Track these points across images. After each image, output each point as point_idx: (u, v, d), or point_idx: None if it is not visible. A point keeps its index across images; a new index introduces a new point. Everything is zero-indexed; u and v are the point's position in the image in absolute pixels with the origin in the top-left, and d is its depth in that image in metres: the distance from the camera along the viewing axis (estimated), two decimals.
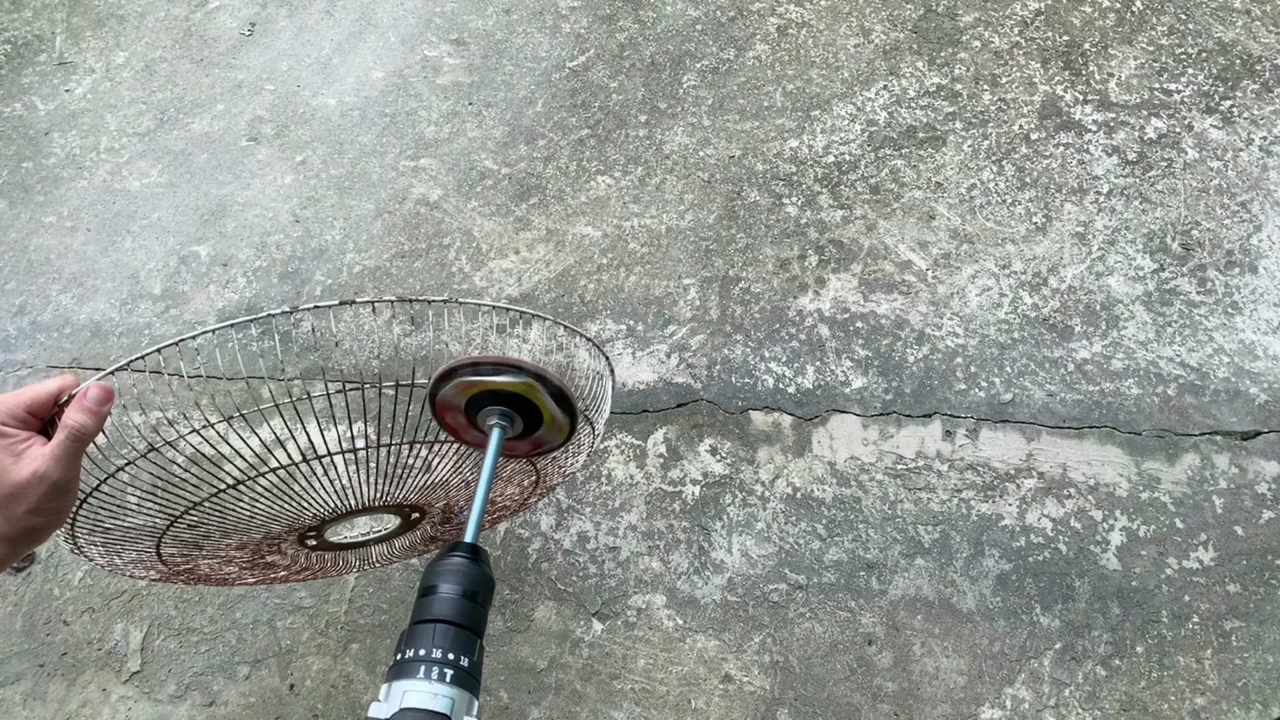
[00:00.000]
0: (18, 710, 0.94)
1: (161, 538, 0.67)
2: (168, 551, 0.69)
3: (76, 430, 0.50)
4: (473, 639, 0.50)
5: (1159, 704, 0.89)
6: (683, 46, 1.38)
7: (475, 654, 0.50)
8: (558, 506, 1.02)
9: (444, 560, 0.53)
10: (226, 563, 0.75)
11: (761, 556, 0.98)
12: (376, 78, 1.39)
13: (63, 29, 1.50)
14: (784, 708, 0.90)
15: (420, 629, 0.49)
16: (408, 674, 0.47)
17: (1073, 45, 1.33)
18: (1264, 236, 1.14)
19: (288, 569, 0.81)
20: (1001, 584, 0.95)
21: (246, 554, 0.74)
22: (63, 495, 0.51)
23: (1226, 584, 0.94)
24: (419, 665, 0.47)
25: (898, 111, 1.28)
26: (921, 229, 1.18)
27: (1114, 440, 1.02)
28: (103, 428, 0.52)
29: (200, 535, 0.69)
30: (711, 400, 1.08)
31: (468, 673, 0.48)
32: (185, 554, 0.71)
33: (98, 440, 0.53)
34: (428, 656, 0.47)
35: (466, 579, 0.52)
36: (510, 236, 1.22)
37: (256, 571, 0.79)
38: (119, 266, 1.23)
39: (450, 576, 0.52)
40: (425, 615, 0.50)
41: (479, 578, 0.53)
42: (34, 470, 0.49)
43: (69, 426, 0.50)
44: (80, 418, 0.50)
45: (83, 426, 0.50)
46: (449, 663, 0.47)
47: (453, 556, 0.53)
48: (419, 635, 0.49)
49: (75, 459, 0.51)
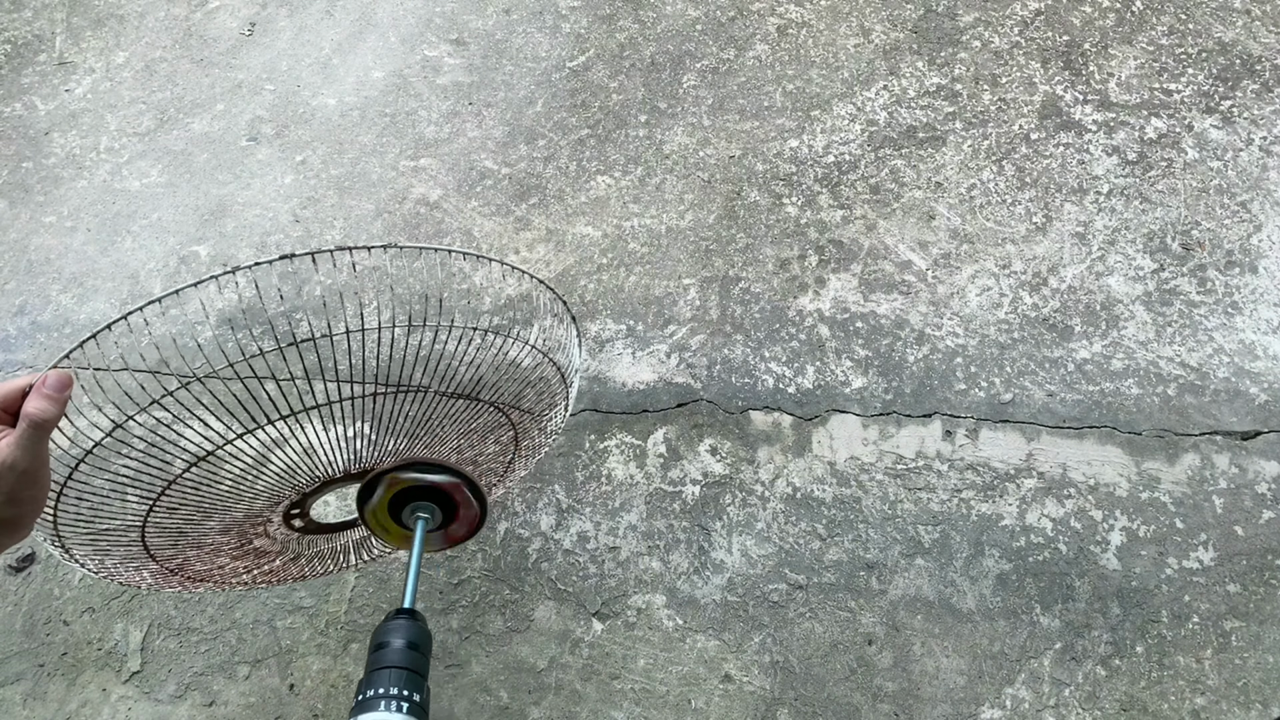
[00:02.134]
0: (18, 710, 0.94)
1: (144, 526, 0.67)
2: (154, 542, 0.69)
3: (36, 417, 0.50)
4: (420, 679, 0.61)
5: (1159, 704, 0.89)
6: (683, 46, 1.38)
7: (423, 692, 0.61)
8: (558, 506, 1.02)
9: (389, 622, 0.65)
10: (216, 553, 0.75)
11: (761, 556, 0.98)
12: (376, 78, 1.39)
13: (63, 29, 1.50)
14: (784, 708, 0.90)
15: (377, 673, 0.60)
16: (370, 709, 0.58)
17: (1073, 45, 1.33)
18: (1264, 236, 1.14)
19: (280, 557, 0.81)
20: (1001, 584, 0.95)
21: (233, 539, 0.74)
22: (34, 484, 0.51)
23: (1226, 584, 0.94)
24: (379, 700, 0.58)
25: (898, 111, 1.28)
26: (921, 229, 1.18)
27: (1114, 440, 1.02)
28: (64, 413, 0.52)
29: (182, 520, 0.69)
30: (711, 400, 1.08)
31: (419, 705, 0.59)
32: (172, 543, 0.71)
33: (66, 432, 0.53)
34: (385, 694, 0.58)
35: (409, 633, 0.64)
36: (510, 236, 1.22)
37: (247, 560, 0.79)
38: (119, 266, 1.23)
39: (397, 632, 0.64)
40: (380, 664, 0.61)
41: (419, 632, 0.65)
42: (1, 460, 0.49)
43: (29, 414, 0.50)
44: (40, 404, 0.51)
45: (42, 412, 0.51)
46: (403, 698, 0.59)
47: (397, 618, 0.66)
48: (377, 678, 0.60)
49: (39, 445, 0.51)
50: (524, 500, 1.03)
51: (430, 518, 0.72)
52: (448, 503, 0.73)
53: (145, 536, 0.68)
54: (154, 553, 0.71)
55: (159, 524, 0.68)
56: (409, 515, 0.72)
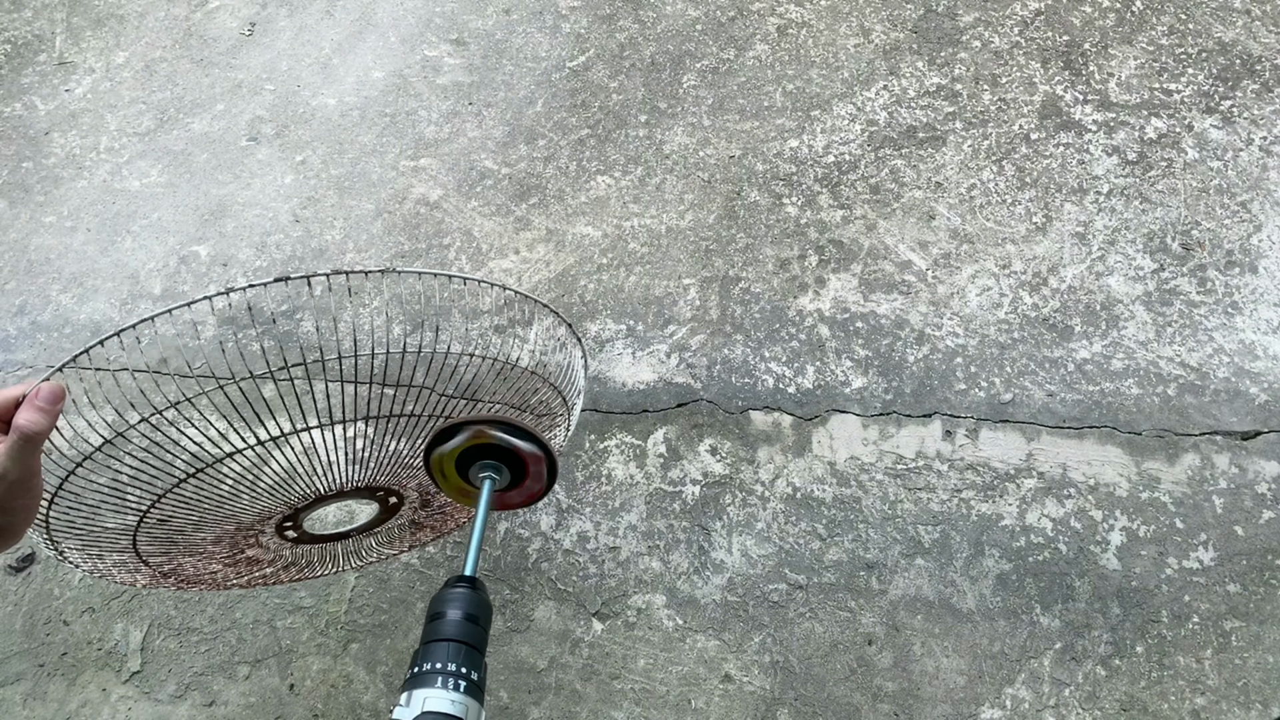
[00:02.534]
0: (18, 710, 0.94)
1: (135, 535, 0.67)
2: (145, 550, 0.69)
3: (27, 429, 0.50)
4: (478, 656, 0.58)
5: (1159, 704, 0.89)
6: (683, 46, 1.38)
7: (481, 670, 0.57)
8: (558, 506, 1.02)
9: (449, 589, 0.61)
10: (209, 560, 0.75)
11: (761, 556, 0.98)
12: (376, 78, 1.39)
13: (63, 29, 1.50)
14: (784, 708, 0.90)
15: (435, 646, 0.56)
16: (426, 684, 0.54)
17: (1073, 45, 1.33)
18: (1264, 236, 1.14)
19: (273, 565, 0.81)
20: (1001, 584, 0.95)
21: (224, 548, 0.74)
22: (25, 493, 0.51)
23: (1226, 584, 0.94)
24: (436, 676, 0.54)
25: (898, 111, 1.28)
26: (921, 229, 1.18)
27: (1114, 440, 1.02)
28: (55, 425, 0.52)
29: (173, 530, 0.69)
30: (711, 400, 1.08)
31: (476, 685, 0.55)
32: (164, 551, 0.71)
33: (57, 441, 0.53)
34: (444, 670, 0.54)
35: (469, 605, 0.60)
36: (510, 236, 1.22)
37: (240, 568, 0.79)
38: (119, 266, 1.23)
39: (456, 602, 0.60)
40: (437, 635, 0.58)
41: (480, 603, 0.61)
42: None
43: (19, 426, 0.50)
44: (32, 416, 0.51)
45: (33, 424, 0.51)
46: (462, 675, 0.54)
47: (457, 586, 0.62)
48: (434, 651, 0.56)
49: (30, 457, 0.51)
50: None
51: (499, 479, 0.69)
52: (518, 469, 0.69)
53: (136, 545, 0.68)
54: (146, 559, 0.71)
55: (150, 533, 0.68)
56: (476, 472, 0.69)
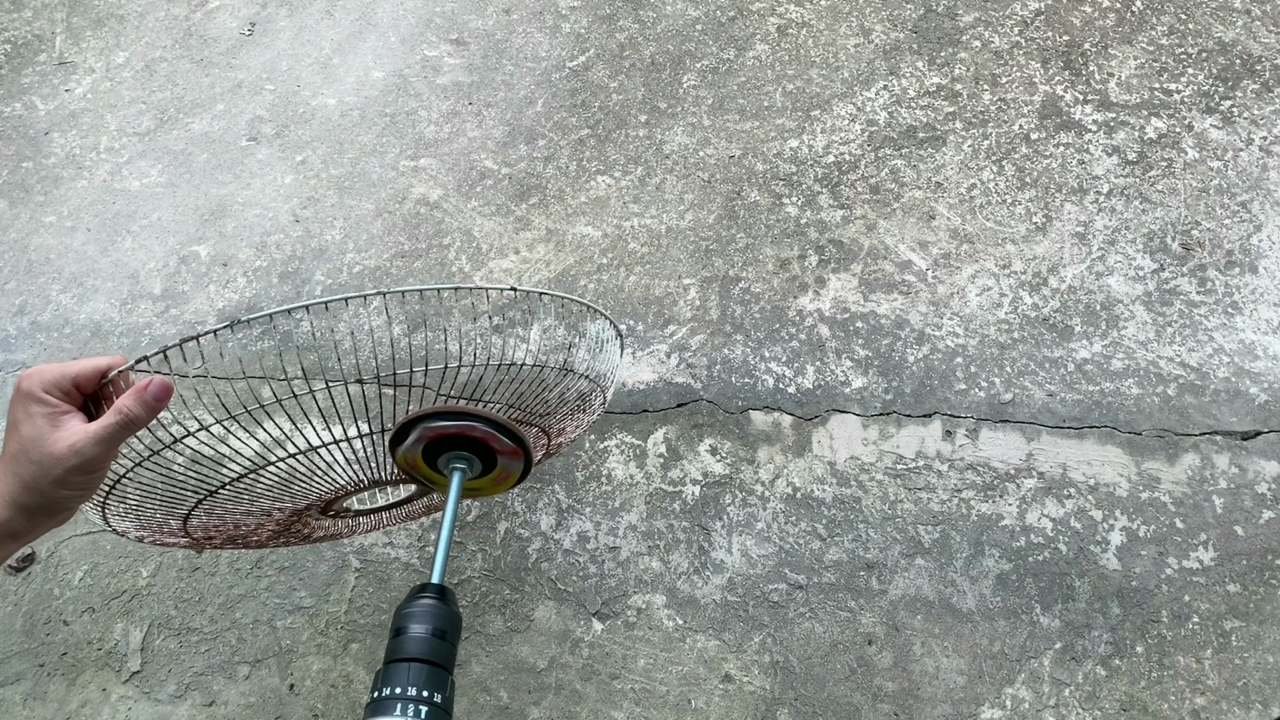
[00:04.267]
0: (18, 710, 0.94)
1: (188, 517, 0.67)
2: (193, 524, 0.70)
3: (128, 417, 0.49)
4: (444, 675, 0.54)
5: (1159, 704, 0.89)
6: (683, 46, 1.38)
7: (447, 690, 0.53)
8: (558, 506, 1.02)
9: (413, 601, 0.57)
10: (254, 531, 0.76)
11: (761, 556, 0.98)
12: (376, 78, 1.39)
13: (63, 29, 1.50)
14: (784, 708, 0.90)
15: (395, 667, 0.53)
16: (385, 711, 0.50)
17: (1073, 45, 1.33)
18: (1264, 236, 1.14)
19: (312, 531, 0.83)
20: (1001, 584, 0.95)
21: (273, 523, 0.75)
22: (91, 474, 0.50)
23: (1226, 584, 0.94)
24: (395, 703, 0.51)
25: (898, 111, 1.28)
26: (921, 229, 1.18)
27: (1114, 440, 1.02)
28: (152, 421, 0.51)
29: (225, 511, 0.69)
30: (711, 400, 1.08)
31: (440, 709, 0.52)
32: (213, 526, 0.72)
33: None
34: (403, 694, 0.51)
35: (435, 618, 0.55)
36: (510, 236, 1.22)
37: (285, 536, 0.80)
38: (119, 266, 1.23)
39: (420, 617, 0.55)
40: (399, 655, 0.54)
41: (447, 616, 0.56)
42: (70, 444, 0.48)
43: (122, 411, 0.49)
44: (135, 407, 0.49)
45: (134, 415, 0.49)
46: (423, 699, 0.51)
47: (422, 598, 0.57)
48: (394, 674, 0.52)
49: (116, 443, 0.50)
50: (524, 500, 1.03)
51: (469, 470, 0.65)
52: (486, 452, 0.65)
53: (187, 524, 0.68)
54: (192, 531, 0.71)
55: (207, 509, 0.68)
56: (446, 463, 0.65)
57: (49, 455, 0.48)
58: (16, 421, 0.49)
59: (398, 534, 1.01)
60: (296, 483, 0.66)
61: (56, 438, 0.48)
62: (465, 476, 0.65)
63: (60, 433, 0.48)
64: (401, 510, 0.88)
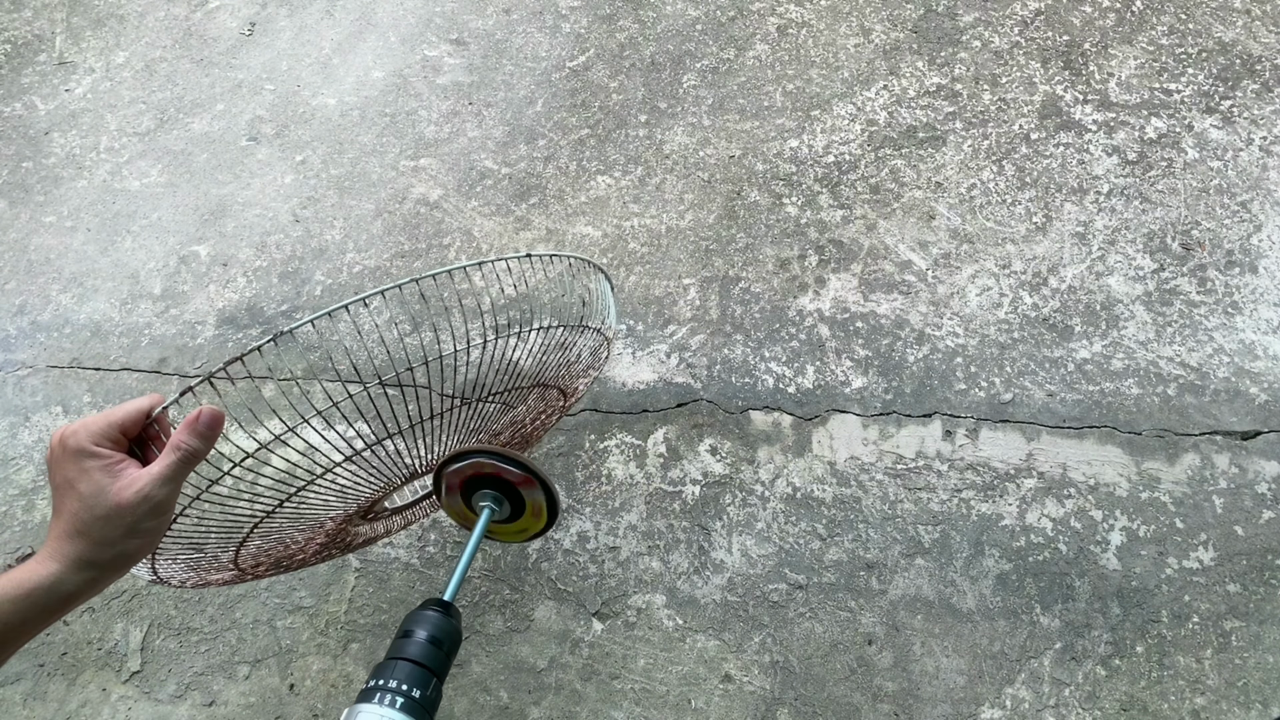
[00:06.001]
0: (18, 710, 0.94)
1: (242, 544, 0.67)
2: (245, 553, 0.70)
3: (189, 452, 0.49)
4: (430, 677, 0.58)
5: (1159, 704, 0.89)
6: (683, 46, 1.38)
7: (430, 690, 0.58)
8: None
9: (421, 611, 0.62)
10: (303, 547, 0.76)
11: (761, 556, 0.98)
12: (376, 78, 1.39)
13: (63, 29, 1.50)
14: (784, 707, 0.90)
15: (385, 664, 0.58)
16: (365, 699, 0.55)
17: (1073, 45, 1.33)
18: (1264, 236, 1.14)
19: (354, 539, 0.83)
20: (1001, 584, 0.95)
21: (323, 534, 0.76)
22: (162, 515, 0.50)
23: (1226, 584, 0.94)
24: (375, 693, 0.55)
25: (898, 111, 1.28)
26: (921, 229, 1.18)
27: (1114, 440, 1.02)
28: (210, 450, 0.51)
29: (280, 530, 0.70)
30: (711, 400, 1.08)
31: (418, 703, 0.56)
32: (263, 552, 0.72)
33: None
34: (384, 686, 0.56)
35: (435, 628, 0.61)
36: (510, 236, 1.22)
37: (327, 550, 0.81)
38: (119, 266, 1.23)
39: (423, 624, 0.61)
40: (396, 653, 0.59)
41: (447, 629, 0.62)
42: (137, 490, 0.48)
43: (182, 449, 0.49)
44: (193, 441, 0.49)
45: (195, 450, 0.49)
46: (402, 693, 0.56)
47: (429, 609, 0.62)
48: (383, 669, 0.58)
49: (180, 481, 0.49)
50: None
51: (498, 509, 0.71)
52: (518, 501, 0.71)
53: (239, 553, 0.69)
54: (242, 565, 0.71)
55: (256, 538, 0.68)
56: (477, 501, 0.71)
57: (116, 507, 0.47)
58: (71, 481, 0.48)
59: (398, 534, 1.01)
60: (350, 487, 0.67)
61: (120, 488, 0.48)
62: (493, 515, 0.70)
63: (121, 482, 0.48)
64: (428, 503, 0.88)
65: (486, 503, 0.70)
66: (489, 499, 0.70)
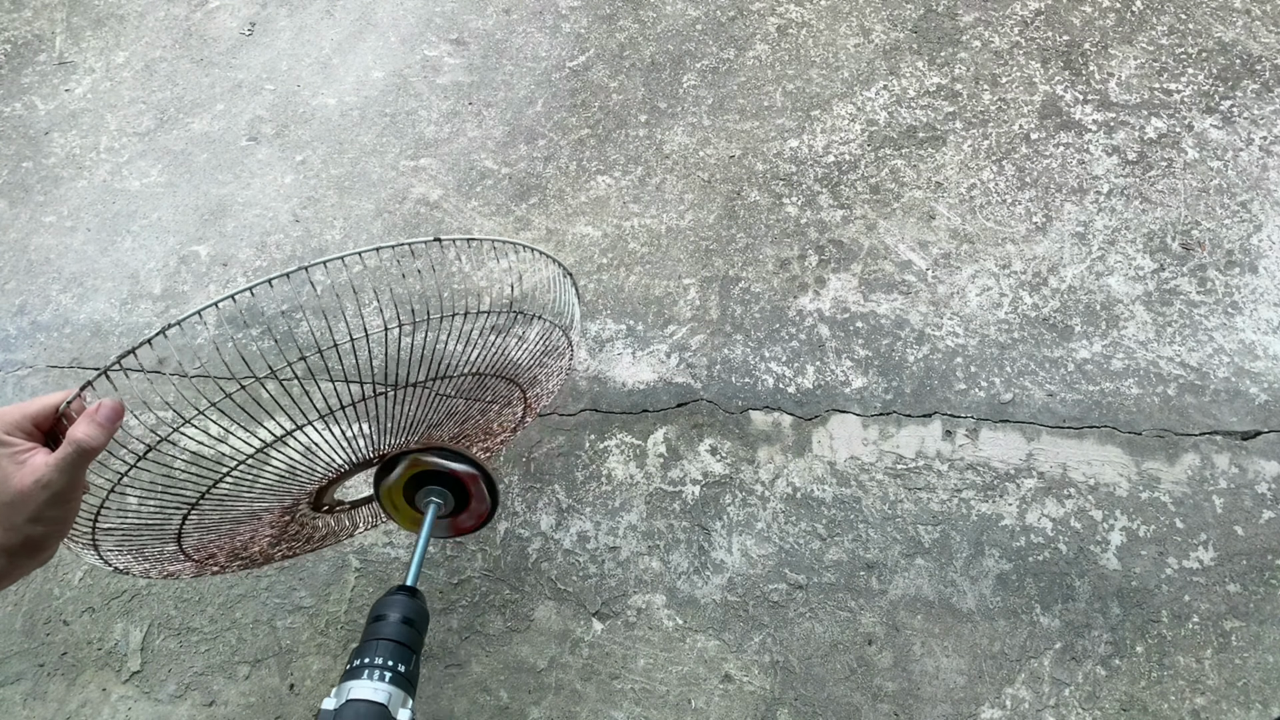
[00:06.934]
0: (18, 710, 0.94)
1: (180, 534, 0.67)
2: (189, 545, 0.70)
3: (84, 443, 0.50)
4: (409, 653, 0.62)
5: (1159, 704, 0.89)
6: (683, 46, 1.38)
7: (411, 664, 0.61)
8: (558, 506, 1.02)
9: (388, 596, 0.66)
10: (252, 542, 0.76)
11: (761, 556, 0.98)
12: (376, 77, 1.39)
13: (63, 29, 1.50)
14: (784, 708, 0.90)
15: (366, 644, 0.62)
16: (354, 676, 0.59)
17: (1073, 45, 1.33)
18: (1264, 236, 1.14)
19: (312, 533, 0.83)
20: (1001, 584, 0.95)
21: (266, 526, 0.75)
22: (64, 504, 0.51)
23: (1226, 584, 0.94)
24: (364, 669, 0.59)
25: (898, 111, 1.28)
26: (921, 229, 1.18)
27: (1114, 440, 1.02)
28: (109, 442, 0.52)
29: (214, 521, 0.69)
30: (711, 400, 1.08)
31: (404, 676, 0.60)
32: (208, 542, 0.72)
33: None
34: (371, 663, 0.59)
35: (404, 609, 0.65)
36: (510, 236, 1.22)
37: (283, 545, 0.81)
38: (119, 266, 1.23)
39: (393, 607, 0.65)
40: (372, 635, 0.63)
41: (414, 608, 0.66)
42: (36, 478, 0.49)
43: (77, 440, 0.50)
44: (91, 431, 0.51)
45: (91, 439, 0.50)
46: (388, 667, 0.59)
47: (396, 594, 0.66)
48: (365, 649, 0.61)
49: (79, 470, 0.51)
50: (524, 500, 1.03)
51: (442, 503, 0.74)
52: (461, 492, 0.74)
53: (181, 540, 0.69)
54: (190, 553, 0.71)
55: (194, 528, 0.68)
56: (423, 498, 0.74)
57: (19, 493, 0.49)
58: None
59: (397, 534, 1.01)
60: (278, 474, 0.67)
61: (21, 475, 0.49)
62: (438, 511, 0.74)
63: (24, 470, 0.49)
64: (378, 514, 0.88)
65: (431, 498, 0.73)
66: (434, 494, 0.73)
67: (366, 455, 0.72)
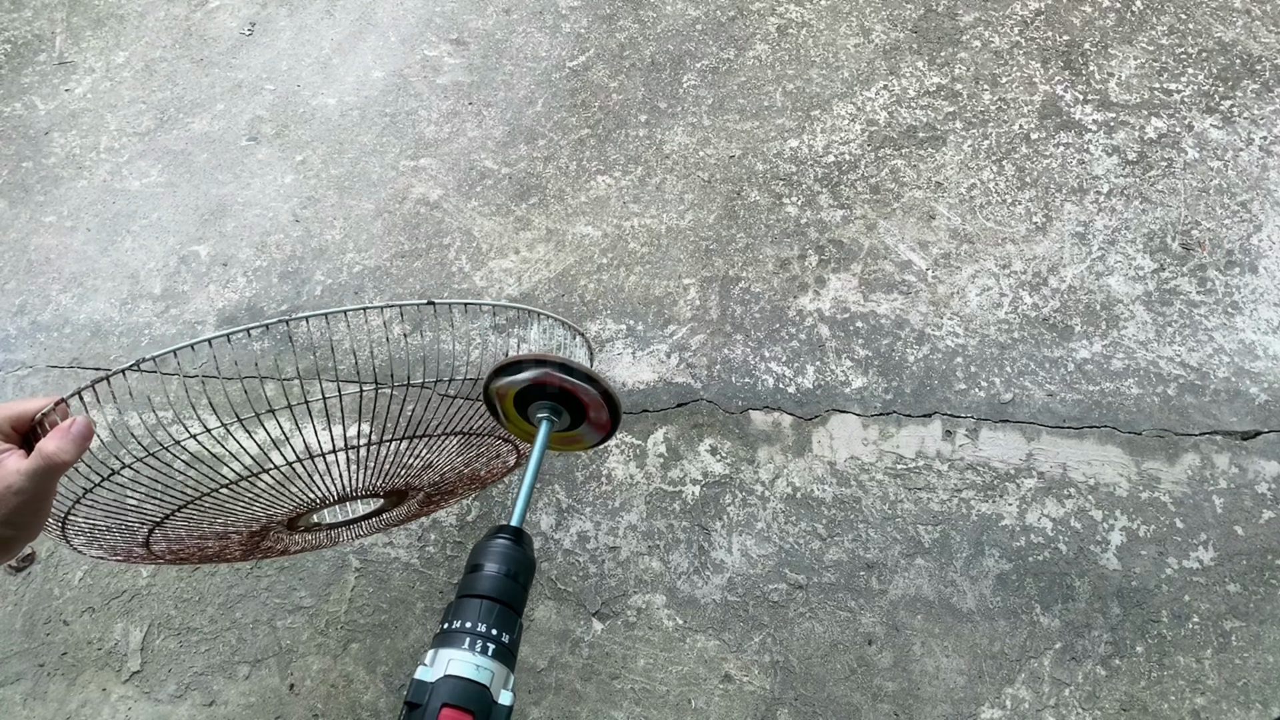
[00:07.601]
0: (18, 710, 0.94)
1: (149, 537, 0.67)
2: (157, 548, 0.70)
3: (54, 457, 0.51)
4: (513, 617, 0.53)
5: (1159, 704, 0.89)
6: (683, 46, 1.38)
7: (515, 631, 0.53)
8: (558, 506, 1.02)
9: (490, 541, 0.57)
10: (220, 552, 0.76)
11: (761, 556, 0.98)
12: (376, 77, 1.39)
13: (63, 29, 1.50)
14: (784, 707, 0.90)
15: (468, 603, 0.53)
16: (453, 643, 0.50)
17: (1073, 45, 1.33)
18: (1264, 236, 1.14)
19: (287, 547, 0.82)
20: (1001, 584, 0.95)
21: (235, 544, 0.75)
22: (33, 512, 0.52)
23: (1226, 584, 0.94)
24: (464, 636, 0.50)
25: (898, 111, 1.28)
26: (921, 229, 1.18)
27: (1114, 440, 1.02)
28: (80, 458, 0.52)
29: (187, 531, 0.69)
30: (711, 400, 1.08)
31: (507, 648, 0.51)
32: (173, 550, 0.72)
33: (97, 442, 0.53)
34: (473, 630, 0.51)
35: (510, 560, 0.55)
36: (510, 236, 1.22)
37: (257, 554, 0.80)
38: (119, 266, 1.23)
39: (495, 556, 0.55)
40: (471, 590, 0.54)
41: (521, 560, 0.56)
42: (8, 485, 0.50)
43: (47, 454, 0.51)
44: (62, 445, 0.51)
45: (61, 453, 0.51)
46: (491, 637, 0.51)
47: (498, 538, 0.57)
48: (466, 608, 0.52)
49: (48, 481, 0.51)
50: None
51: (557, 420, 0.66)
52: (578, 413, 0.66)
53: (150, 543, 0.69)
54: (156, 553, 0.71)
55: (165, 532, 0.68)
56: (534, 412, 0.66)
57: None
58: None
59: (398, 534, 1.01)
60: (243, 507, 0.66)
61: None
62: (552, 428, 0.66)
63: None
64: (380, 519, 0.87)
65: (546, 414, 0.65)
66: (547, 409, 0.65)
67: (334, 495, 0.71)
